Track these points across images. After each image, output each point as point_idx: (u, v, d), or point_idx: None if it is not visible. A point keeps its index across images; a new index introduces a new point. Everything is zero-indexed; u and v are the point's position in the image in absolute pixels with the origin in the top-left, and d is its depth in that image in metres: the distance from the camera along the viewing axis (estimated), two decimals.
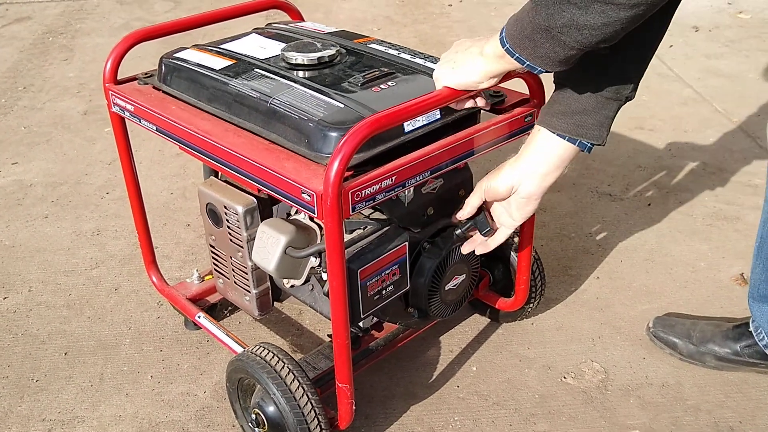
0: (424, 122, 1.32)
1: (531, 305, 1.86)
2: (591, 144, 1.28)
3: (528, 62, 1.12)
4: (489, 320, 1.94)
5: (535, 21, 1.06)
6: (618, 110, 1.27)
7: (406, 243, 1.46)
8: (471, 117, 1.41)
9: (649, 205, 2.44)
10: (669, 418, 1.65)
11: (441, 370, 1.79)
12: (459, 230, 1.51)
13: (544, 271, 1.84)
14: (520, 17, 1.11)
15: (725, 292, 2.04)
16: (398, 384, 1.76)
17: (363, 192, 1.20)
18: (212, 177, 1.66)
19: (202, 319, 1.78)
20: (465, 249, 1.50)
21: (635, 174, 2.62)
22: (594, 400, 1.70)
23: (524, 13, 1.10)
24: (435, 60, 1.51)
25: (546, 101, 1.32)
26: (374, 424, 1.64)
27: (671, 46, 3.77)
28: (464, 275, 1.59)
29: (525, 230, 1.66)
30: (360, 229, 1.49)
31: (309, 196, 1.19)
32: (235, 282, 1.66)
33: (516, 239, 1.76)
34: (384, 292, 1.45)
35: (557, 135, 1.28)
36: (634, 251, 2.22)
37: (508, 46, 1.13)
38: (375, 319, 1.67)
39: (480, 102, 1.37)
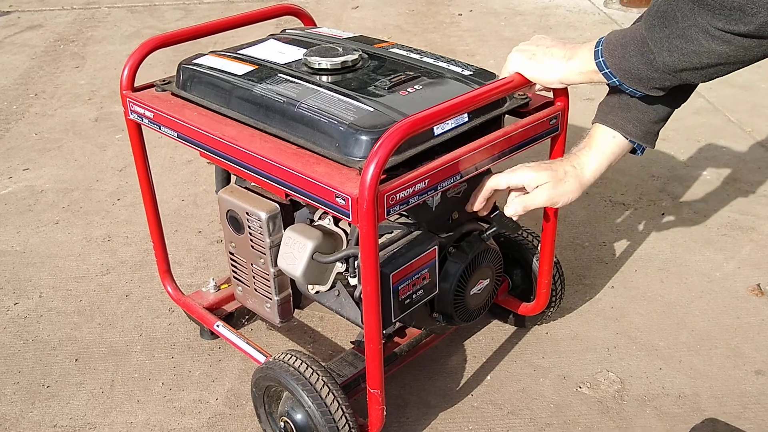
0: (453, 125, 1.31)
1: (551, 309, 1.85)
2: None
3: (609, 70, 1.17)
4: (503, 329, 1.93)
5: (636, 30, 1.12)
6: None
7: (436, 247, 1.45)
8: (496, 121, 1.41)
9: (663, 214, 2.43)
10: (686, 429, 1.63)
11: (455, 379, 1.78)
12: (485, 234, 1.51)
13: (564, 275, 1.84)
14: (624, 29, 1.17)
15: (741, 302, 2.02)
16: (412, 393, 1.74)
17: (398, 195, 1.20)
18: (233, 184, 1.65)
19: (221, 328, 1.77)
20: (508, 212, 1.41)
21: (648, 183, 2.61)
22: (610, 410, 1.68)
23: (630, 27, 1.16)
24: (458, 64, 1.51)
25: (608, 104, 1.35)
26: None
27: None
28: (488, 279, 1.58)
29: (546, 233, 1.65)
30: (388, 233, 1.48)
31: (343, 200, 1.18)
32: (255, 289, 1.64)
33: (536, 242, 1.76)
34: (414, 296, 1.44)
35: (630, 140, 1.32)
36: (648, 261, 2.20)
37: (600, 51, 1.18)
38: (397, 325, 1.66)
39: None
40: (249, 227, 1.54)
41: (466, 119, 1.34)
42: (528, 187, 1.34)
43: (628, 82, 1.17)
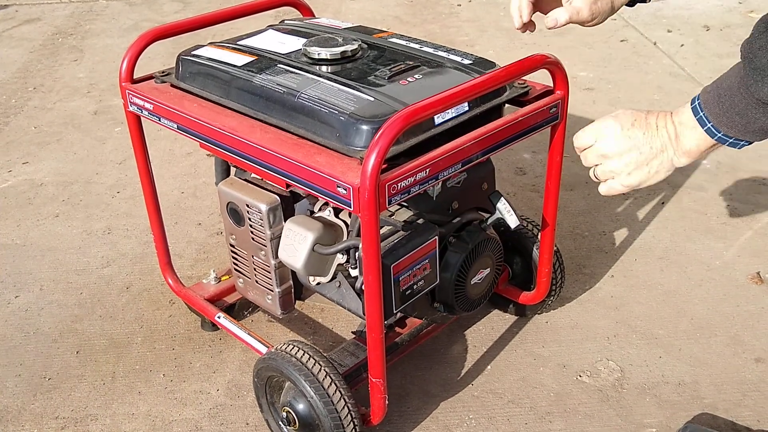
0: (454, 114, 1.32)
1: (551, 299, 1.86)
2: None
3: (733, 138, 1.04)
4: (503, 319, 1.93)
5: (749, 97, 0.99)
6: None
7: (437, 237, 1.45)
8: (496, 109, 1.41)
9: (663, 203, 2.43)
10: (686, 417, 1.63)
11: (455, 369, 1.78)
12: (485, 223, 1.51)
13: (564, 263, 1.85)
14: (723, 95, 1.02)
15: (741, 290, 2.02)
16: (413, 382, 1.75)
17: (399, 184, 1.20)
18: (233, 176, 1.65)
19: (223, 319, 1.77)
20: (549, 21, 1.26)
21: None
22: (610, 398, 1.69)
23: (730, 90, 1.02)
24: (457, 53, 1.51)
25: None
26: (389, 422, 1.62)
27: (682, 45, 3.76)
28: (489, 269, 1.58)
29: (546, 222, 1.65)
30: (386, 226, 1.49)
31: (345, 189, 1.19)
32: (256, 281, 1.64)
33: (536, 231, 1.76)
34: (415, 286, 1.45)
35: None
36: (648, 250, 2.20)
37: (710, 125, 1.04)
38: (398, 315, 1.66)
39: None
40: (249, 219, 1.54)
41: (467, 108, 1.34)
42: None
43: (761, 138, 1.03)
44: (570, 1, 1.23)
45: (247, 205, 1.53)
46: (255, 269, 1.63)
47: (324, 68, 1.44)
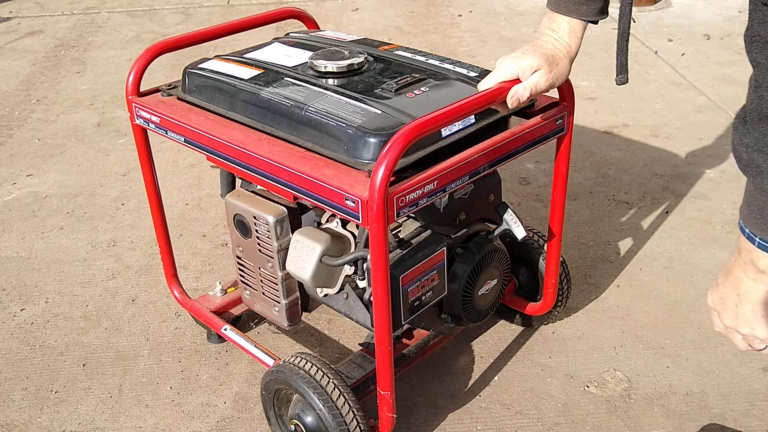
0: (460, 127, 1.32)
1: (558, 309, 1.86)
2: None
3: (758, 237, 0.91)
4: (510, 329, 1.93)
5: (761, 193, 0.87)
6: None
7: (445, 248, 1.45)
8: (502, 121, 1.41)
9: (667, 212, 2.43)
10: (694, 427, 1.63)
11: (463, 380, 1.78)
12: (492, 234, 1.52)
13: (570, 273, 1.85)
14: (748, 196, 0.91)
15: None
16: (420, 394, 1.74)
17: (407, 197, 1.21)
18: (239, 188, 1.65)
19: (229, 331, 1.77)
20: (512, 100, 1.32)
21: (652, 182, 2.61)
22: (618, 409, 1.68)
23: (748, 190, 0.91)
24: (463, 65, 1.51)
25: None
26: None
27: (683, 54, 3.77)
28: (496, 280, 1.58)
29: (552, 232, 1.65)
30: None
31: (353, 202, 1.19)
32: (263, 293, 1.64)
33: (542, 242, 1.76)
34: (423, 297, 1.44)
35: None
36: (653, 259, 2.20)
37: (748, 232, 0.90)
38: (406, 326, 1.66)
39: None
40: (257, 231, 1.55)
41: (473, 121, 1.35)
42: (523, 75, 1.30)
43: None
44: (525, 74, 1.29)
45: (255, 217, 1.53)
46: (262, 281, 1.63)
47: (331, 81, 1.45)
